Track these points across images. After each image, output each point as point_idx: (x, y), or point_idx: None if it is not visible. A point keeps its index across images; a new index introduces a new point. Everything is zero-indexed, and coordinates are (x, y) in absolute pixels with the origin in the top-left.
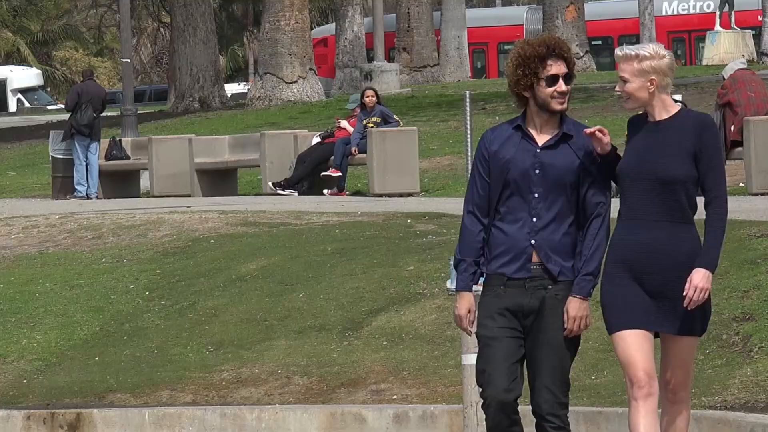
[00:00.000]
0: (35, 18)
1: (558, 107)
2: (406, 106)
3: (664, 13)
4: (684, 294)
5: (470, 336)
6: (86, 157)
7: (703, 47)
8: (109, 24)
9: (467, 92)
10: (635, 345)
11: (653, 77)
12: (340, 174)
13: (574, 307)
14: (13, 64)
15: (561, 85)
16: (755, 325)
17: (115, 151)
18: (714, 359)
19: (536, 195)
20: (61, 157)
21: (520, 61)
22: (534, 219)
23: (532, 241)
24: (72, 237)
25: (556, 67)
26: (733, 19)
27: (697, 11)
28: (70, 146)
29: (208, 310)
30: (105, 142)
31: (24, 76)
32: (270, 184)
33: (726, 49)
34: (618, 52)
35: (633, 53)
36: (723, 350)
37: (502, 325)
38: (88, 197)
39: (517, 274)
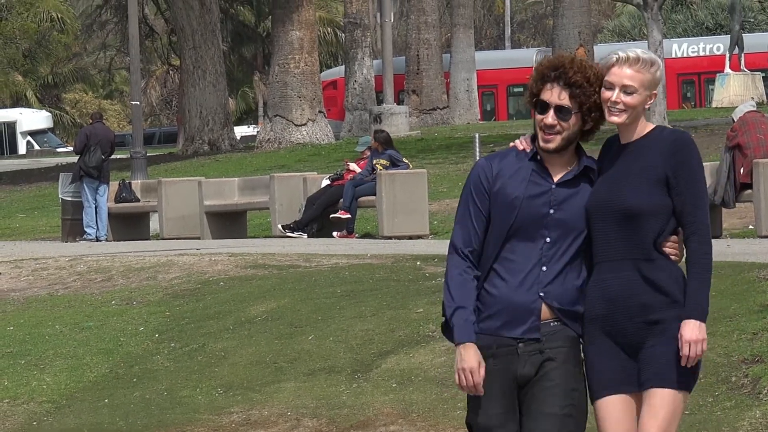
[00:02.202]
0: (45, 60)
1: (541, 143)
2: (415, 148)
3: (673, 56)
4: (680, 353)
5: (482, 394)
6: (95, 200)
7: (712, 89)
8: (118, 66)
9: (476, 135)
10: (612, 417)
11: (655, 91)
12: (349, 216)
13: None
14: (21, 107)
15: (548, 117)
16: (764, 368)
17: (124, 194)
18: (723, 401)
19: (548, 240)
20: (70, 199)
21: (533, 76)
22: (544, 268)
23: (541, 294)
24: (82, 279)
25: (552, 94)
26: (742, 62)
27: (707, 53)
28: (79, 189)
29: (218, 353)
30: (114, 185)
31: (34, 119)
32: (279, 226)
33: (736, 92)
34: (622, 54)
35: (647, 58)
36: (732, 392)
37: (505, 408)
38: (97, 240)
39: (526, 335)
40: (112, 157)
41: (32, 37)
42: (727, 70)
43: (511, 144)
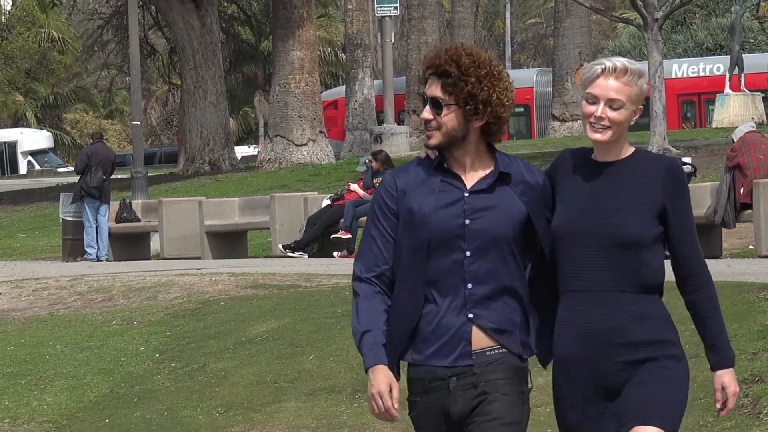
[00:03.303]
0: (45, 81)
1: (424, 140)
2: None
3: (674, 76)
4: (719, 407)
5: (396, 420)
6: (96, 220)
7: (712, 110)
8: (119, 86)
9: None
10: None
11: (641, 105)
12: (350, 236)
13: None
14: (22, 126)
15: (425, 111)
16: (765, 388)
17: (125, 214)
18: (723, 421)
19: (468, 254)
20: (71, 219)
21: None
22: (469, 286)
23: (470, 315)
24: (82, 299)
25: (429, 87)
26: (742, 82)
27: (707, 74)
28: (80, 209)
29: (218, 372)
30: (115, 205)
31: (34, 139)
32: (280, 246)
33: (736, 112)
34: (609, 63)
35: (635, 69)
36: (732, 412)
37: None
38: (98, 259)
39: (457, 363)
40: (113, 176)
41: (33, 57)
42: (727, 90)
43: (422, 154)
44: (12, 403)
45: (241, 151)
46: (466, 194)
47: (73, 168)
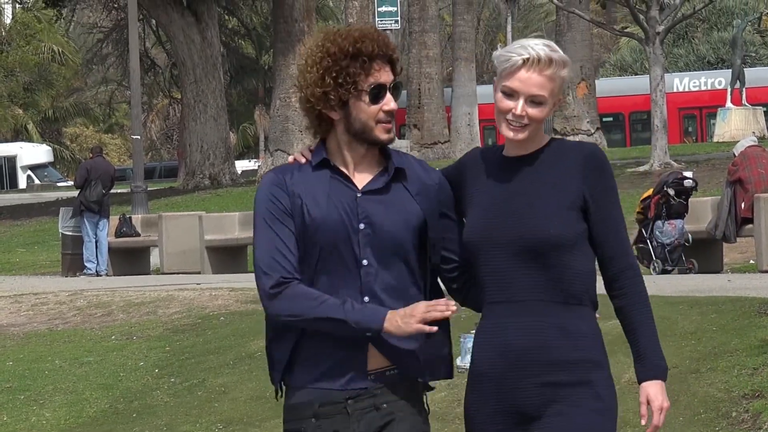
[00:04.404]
0: (45, 94)
1: (384, 136)
2: None
3: (675, 90)
4: (643, 421)
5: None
6: (95, 234)
7: (714, 124)
8: (119, 101)
9: None
10: None
11: (561, 96)
12: None
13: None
14: (22, 141)
15: (389, 101)
16: (765, 403)
17: (125, 228)
18: None
19: (365, 263)
20: (70, 233)
21: (330, 63)
22: (366, 299)
23: (367, 332)
24: (81, 314)
25: (384, 74)
26: (744, 96)
27: (709, 88)
28: (80, 223)
29: (218, 388)
30: (115, 219)
31: (34, 153)
32: None
33: (737, 126)
34: (533, 52)
35: (559, 58)
36: (732, 427)
37: None
38: (97, 274)
39: (351, 385)
40: (112, 191)
41: (32, 70)
42: (729, 104)
43: (290, 159)
44: (11, 419)
45: (242, 165)
46: (359, 195)
47: (72, 182)
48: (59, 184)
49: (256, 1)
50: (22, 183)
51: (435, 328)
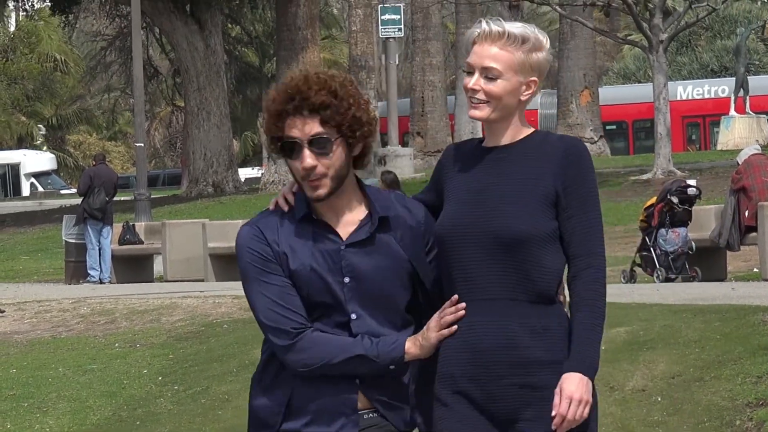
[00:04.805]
0: (49, 102)
1: (311, 194)
2: (419, 190)
3: (678, 98)
4: (553, 413)
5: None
6: (99, 242)
7: (717, 132)
8: (122, 108)
9: None
10: None
11: (534, 78)
12: None
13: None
14: (25, 148)
15: (304, 158)
16: None
17: (128, 236)
18: None
19: (354, 317)
20: (73, 241)
21: (266, 118)
22: None
23: (356, 380)
24: (85, 322)
25: (299, 128)
26: (747, 104)
27: (712, 96)
28: (83, 230)
29: (221, 395)
30: (118, 227)
31: (37, 161)
32: None
33: (740, 134)
34: (485, 26)
35: (517, 32)
36: None
37: None
38: (101, 282)
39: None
40: (116, 198)
41: (36, 77)
42: (732, 112)
43: (271, 206)
44: (14, 426)
45: (245, 173)
46: (343, 247)
47: (75, 190)
48: (62, 192)
49: (260, 9)
50: (26, 190)
51: (455, 328)
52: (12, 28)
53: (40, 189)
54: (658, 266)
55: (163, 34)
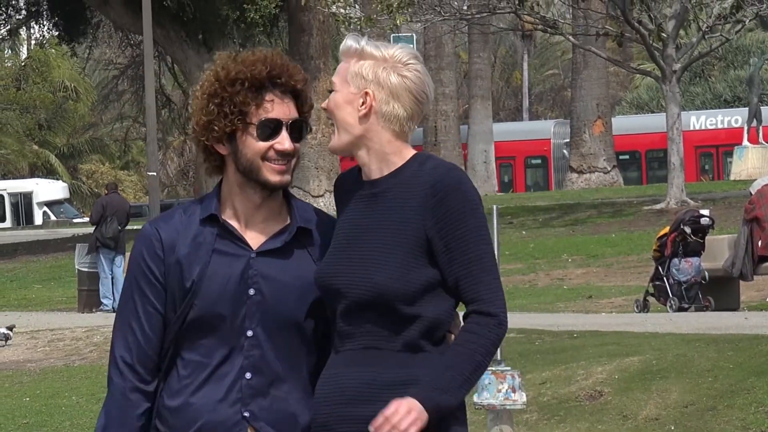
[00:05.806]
0: (61, 131)
1: (273, 179)
2: None
3: (692, 128)
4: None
5: None
6: (111, 270)
7: (730, 162)
8: (135, 137)
9: (495, 206)
10: None
11: (369, 90)
12: None
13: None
14: (38, 176)
15: (283, 140)
16: None
17: None
18: None
19: (250, 334)
20: (86, 270)
21: (216, 89)
22: (248, 375)
23: (245, 413)
24: (98, 350)
25: (281, 107)
26: (761, 134)
27: (725, 126)
28: (96, 259)
29: None
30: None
31: (50, 189)
32: None
33: (754, 164)
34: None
35: (354, 46)
36: None
37: None
38: (113, 310)
39: None
40: (129, 227)
41: (48, 106)
42: (746, 142)
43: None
44: None
45: None
46: (253, 255)
47: (88, 218)
48: (75, 221)
49: (272, 38)
50: (38, 219)
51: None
52: (23, 57)
53: (53, 218)
54: (671, 296)
55: (175, 62)
